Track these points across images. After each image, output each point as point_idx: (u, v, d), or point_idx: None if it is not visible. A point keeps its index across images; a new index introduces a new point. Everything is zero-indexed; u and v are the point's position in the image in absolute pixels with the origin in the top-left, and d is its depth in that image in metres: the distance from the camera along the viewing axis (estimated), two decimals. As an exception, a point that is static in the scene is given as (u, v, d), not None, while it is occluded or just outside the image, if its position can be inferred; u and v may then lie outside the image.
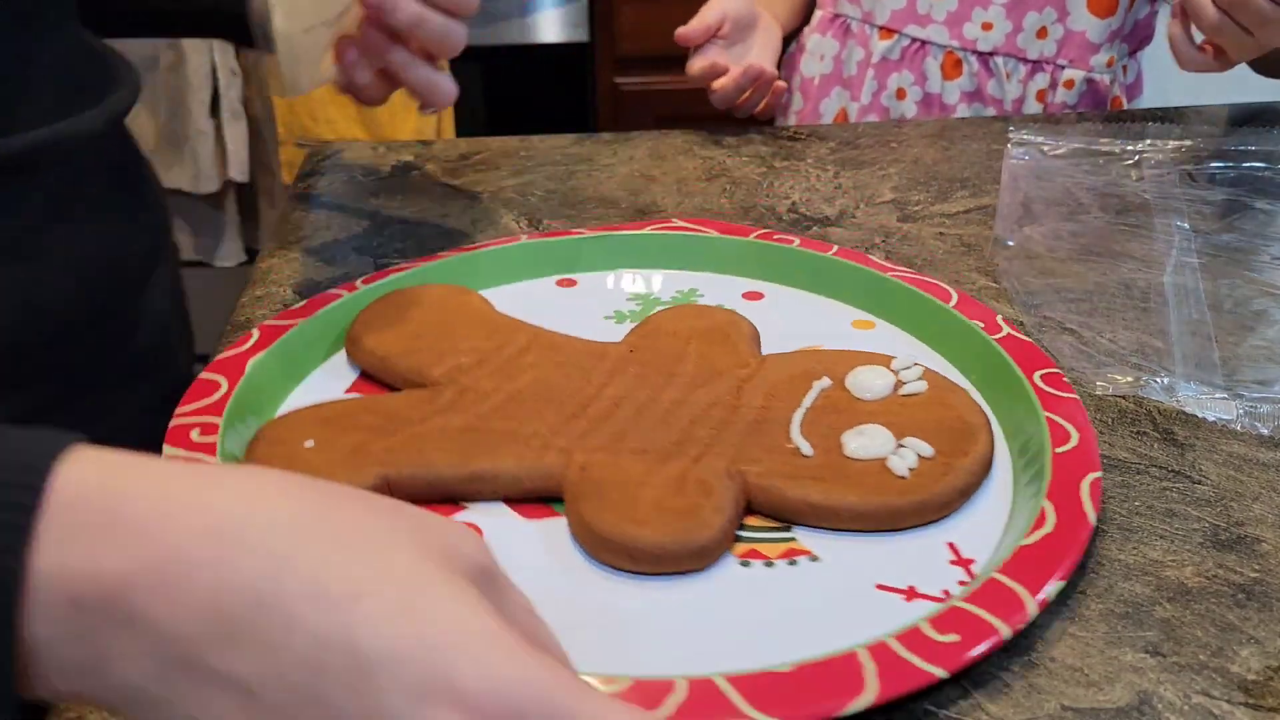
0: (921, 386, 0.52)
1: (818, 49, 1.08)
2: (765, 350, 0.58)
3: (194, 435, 0.49)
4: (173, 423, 0.50)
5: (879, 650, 0.39)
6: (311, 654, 0.25)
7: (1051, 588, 0.42)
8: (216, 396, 0.52)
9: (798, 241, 0.67)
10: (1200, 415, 0.54)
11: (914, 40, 1.01)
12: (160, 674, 0.26)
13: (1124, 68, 1.03)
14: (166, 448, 0.49)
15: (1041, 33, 0.99)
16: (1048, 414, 0.51)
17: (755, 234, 0.68)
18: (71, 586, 0.25)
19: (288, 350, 0.57)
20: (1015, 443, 0.52)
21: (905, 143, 0.90)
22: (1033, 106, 1.01)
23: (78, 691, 0.27)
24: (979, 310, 0.60)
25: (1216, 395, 0.55)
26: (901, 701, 0.39)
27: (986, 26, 0.98)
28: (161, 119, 1.80)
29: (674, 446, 0.49)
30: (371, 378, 0.57)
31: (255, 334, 0.57)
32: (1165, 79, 1.00)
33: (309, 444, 0.48)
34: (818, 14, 1.09)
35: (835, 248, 0.66)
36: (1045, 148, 0.84)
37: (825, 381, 0.53)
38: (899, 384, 0.53)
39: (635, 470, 0.47)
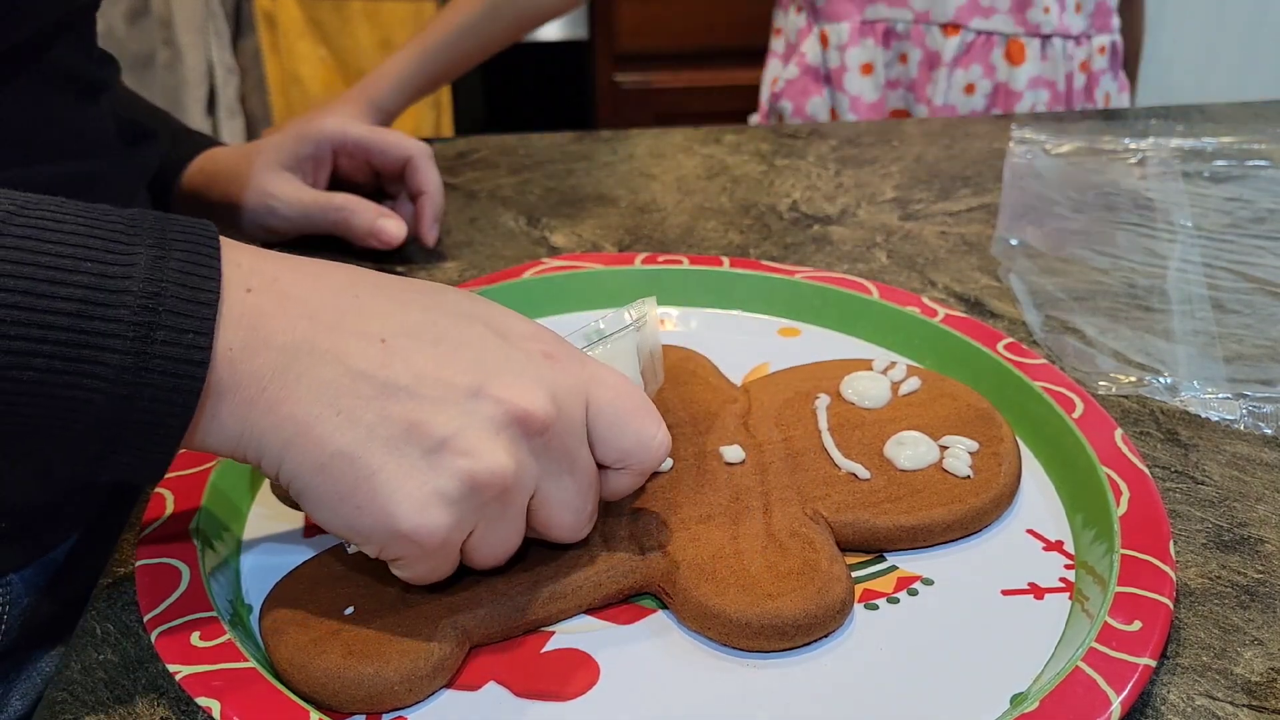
0: (917, 384, 0.52)
1: (857, 61, 1.07)
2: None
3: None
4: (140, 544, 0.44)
5: (1094, 658, 0.38)
6: (425, 300, 0.38)
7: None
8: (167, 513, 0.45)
9: (686, 261, 0.63)
10: (1203, 415, 0.54)
11: (978, 33, 1.03)
12: (310, 333, 0.35)
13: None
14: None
15: (1077, 7, 1.04)
16: (1041, 385, 0.51)
17: (640, 259, 0.63)
18: (241, 277, 0.35)
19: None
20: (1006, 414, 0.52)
21: (907, 141, 0.89)
22: (1079, 80, 1.06)
23: (238, 372, 0.34)
24: (901, 296, 0.59)
25: (1220, 395, 0.55)
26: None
27: (1046, 10, 1.02)
28: (159, 116, 1.80)
29: (733, 503, 0.45)
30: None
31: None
32: (1167, 76, 1.00)
33: (349, 610, 0.41)
34: (844, 26, 1.06)
35: (726, 261, 0.63)
36: (1048, 146, 0.84)
37: (825, 398, 0.51)
38: (895, 385, 0.52)
39: (718, 540, 0.43)
